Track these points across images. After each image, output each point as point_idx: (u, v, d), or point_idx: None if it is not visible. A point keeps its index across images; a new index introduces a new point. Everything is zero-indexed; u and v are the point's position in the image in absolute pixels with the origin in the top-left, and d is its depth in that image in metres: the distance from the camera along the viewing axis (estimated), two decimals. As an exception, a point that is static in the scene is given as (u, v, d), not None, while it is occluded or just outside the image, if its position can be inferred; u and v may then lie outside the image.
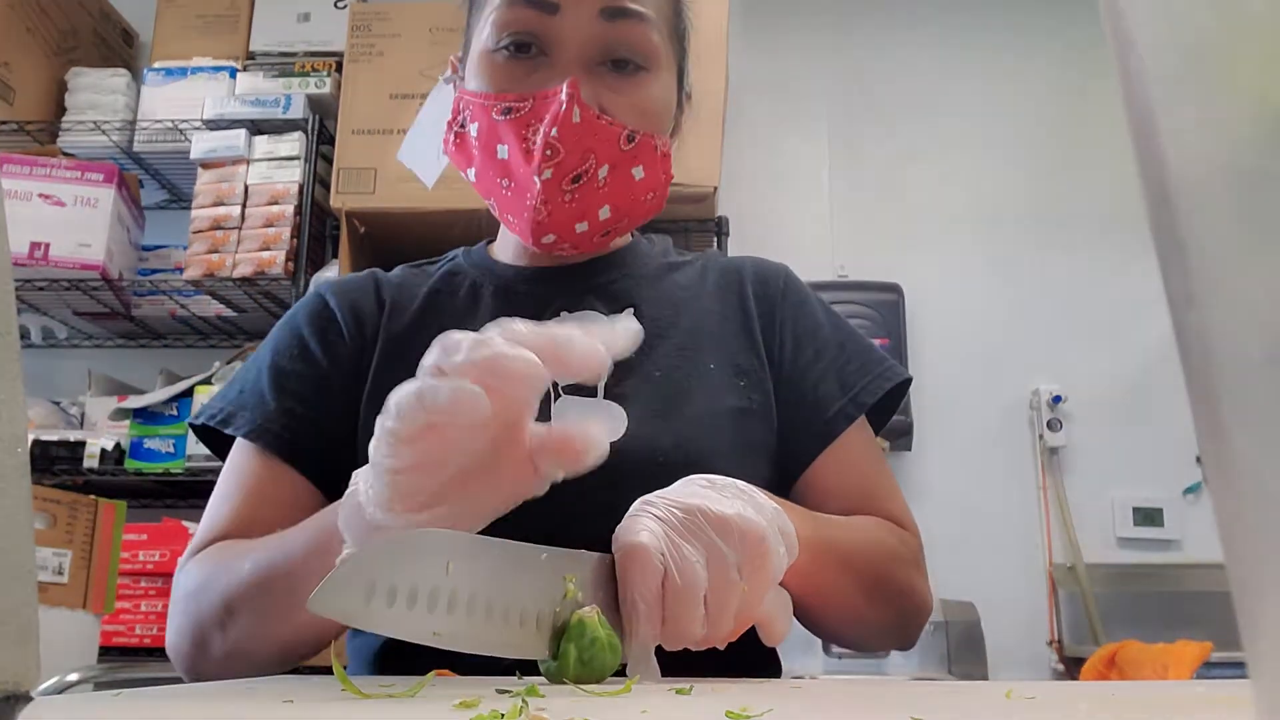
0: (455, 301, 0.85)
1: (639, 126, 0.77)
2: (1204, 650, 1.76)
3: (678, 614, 0.53)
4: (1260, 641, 0.21)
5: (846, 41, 2.82)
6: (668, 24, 0.81)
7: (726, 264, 0.89)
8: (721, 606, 0.54)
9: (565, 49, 0.76)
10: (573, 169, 0.76)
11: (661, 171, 0.81)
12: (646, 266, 0.88)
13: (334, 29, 2.45)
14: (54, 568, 1.74)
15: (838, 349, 0.84)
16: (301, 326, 0.83)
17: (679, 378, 0.79)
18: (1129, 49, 0.22)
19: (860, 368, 0.83)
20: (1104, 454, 2.51)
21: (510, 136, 0.76)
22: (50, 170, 2.22)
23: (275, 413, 0.77)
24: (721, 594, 0.54)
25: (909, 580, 0.78)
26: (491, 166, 0.79)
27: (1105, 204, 2.59)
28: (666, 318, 0.83)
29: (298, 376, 0.79)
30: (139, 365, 2.50)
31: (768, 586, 0.56)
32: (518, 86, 0.76)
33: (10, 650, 0.25)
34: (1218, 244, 0.21)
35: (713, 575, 0.54)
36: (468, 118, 0.80)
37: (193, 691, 0.51)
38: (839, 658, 2.24)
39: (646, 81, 0.78)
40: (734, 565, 0.54)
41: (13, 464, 0.26)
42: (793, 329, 0.84)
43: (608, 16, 0.76)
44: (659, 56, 0.79)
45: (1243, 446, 0.20)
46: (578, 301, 0.83)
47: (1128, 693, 0.50)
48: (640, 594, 0.53)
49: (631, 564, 0.53)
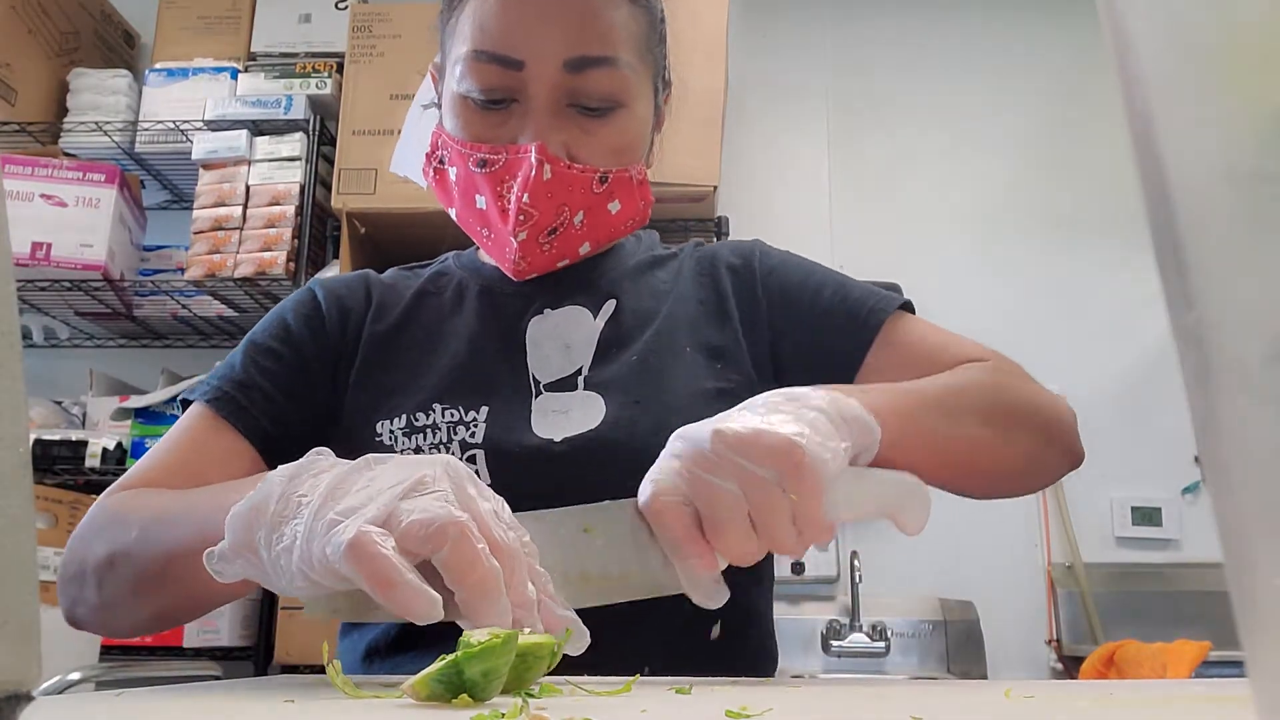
0: (441, 301, 0.86)
1: (611, 165, 0.79)
2: (1202, 649, 1.76)
3: (722, 543, 0.54)
4: (1259, 640, 0.21)
5: (846, 41, 2.81)
6: (641, 43, 0.80)
7: (703, 252, 0.90)
8: (770, 524, 0.53)
9: (533, 100, 0.76)
10: (548, 225, 0.78)
11: (640, 198, 0.83)
12: (630, 261, 0.89)
13: (335, 30, 2.45)
14: (55, 567, 1.73)
15: (835, 285, 0.83)
16: (286, 312, 0.84)
17: (655, 363, 0.79)
18: (1128, 49, 0.22)
19: (862, 296, 0.82)
20: (1103, 453, 2.49)
21: (487, 190, 0.78)
22: (52, 171, 2.22)
23: (239, 382, 0.79)
24: (765, 513, 0.53)
25: (1029, 393, 0.73)
26: (472, 214, 0.82)
27: (1105, 204, 2.59)
28: (647, 309, 0.84)
29: (271, 353, 0.81)
30: (140, 365, 2.50)
31: (818, 490, 0.53)
32: (490, 136, 0.78)
33: (11, 650, 0.25)
34: (1217, 244, 0.21)
35: (751, 496, 0.53)
36: (446, 158, 0.82)
37: (194, 691, 0.51)
38: (839, 657, 2.24)
39: (618, 119, 0.78)
40: (773, 485, 0.53)
41: (14, 463, 0.26)
42: (780, 285, 0.84)
43: (572, 68, 0.75)
44: (630, 92, 0.79)
45: (1241, 446, 0.20)
46: (559, 298, 0.84)
47: (1126, 692, 0.50)
48: (666, 537, 0.54)
49: (648, 511, 0.55)
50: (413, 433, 0.76)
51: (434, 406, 0.77)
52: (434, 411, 0.77)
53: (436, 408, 0.77)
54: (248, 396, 0.78)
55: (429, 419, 0.76)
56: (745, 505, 0.53)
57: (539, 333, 0.82)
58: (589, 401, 0.77)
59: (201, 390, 0.79)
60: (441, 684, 0.39)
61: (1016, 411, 0.71)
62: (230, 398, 0.77)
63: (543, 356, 0.81)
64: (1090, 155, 2.63)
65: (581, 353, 0.81)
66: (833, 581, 2.32)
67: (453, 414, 0.76)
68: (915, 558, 2.41)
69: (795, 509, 0.53)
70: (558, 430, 0.76)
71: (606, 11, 0.76)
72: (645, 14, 0.81)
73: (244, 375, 0.79)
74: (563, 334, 0.82)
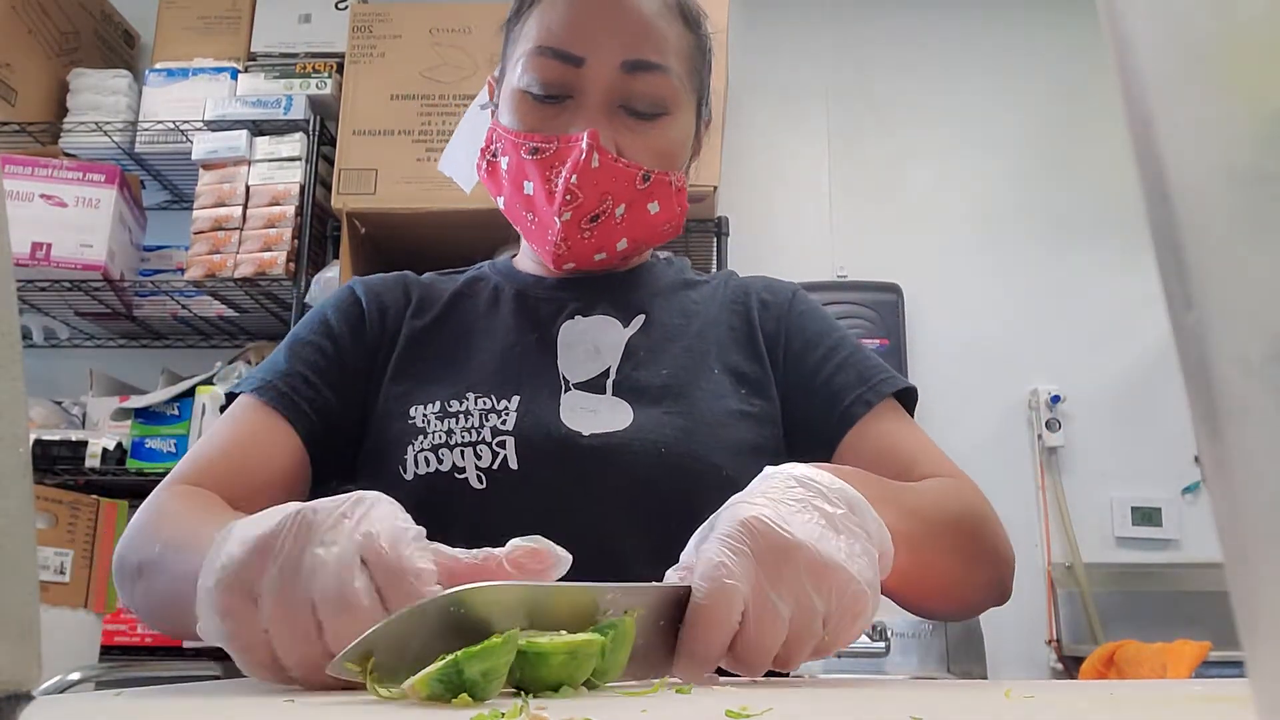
0: (478, 303, 0.90)
1: (655, 166, 0.82)
2: (1202, 649, 1.76)
3: (745, 661, 0.50)
4: (1259, 641, 0.21)
5: (846, 41, 2.82)
6: (688, 62, 0.85)
7: (739, 282, 0.94)
8: (793, 654, 0.51)
9: (589, 96, 0.81)
10: (590, 210, 0.81)
11: (677, 204, 0.86)
12: (660, 283, 0.92)
13: (335, 30, 2.45)
14: (55, 567, 1.74)
15: (853, 349, 0.86)
16: (327, 309, 0.88)
17: (685, 377, 0.82)
18: (1128, 49, 0.22)
19: (875, 366, 0.85)
20: (1103, 454, 2.51)
21: (535, 175, 0.82)
22: (52, 171, 2.22)
23: (284, 373, 0.81)
24: (797, 645, 0.51)
25: (994, 530, 0.75)
26: (518, 199, 0.85)
27: (1105, 204, 2.59)
28: (677, 325, 0.87)
29: (314, 347, 0.84)
30: (140, 365, 2.50)
31: (853, 639, 0.52)
32: (544, 128, 0.82)
33: (12, 649, 0.25)
34: (1216, 244, 0.21)
35: (794, 624, 0.50)
36: (499, 149, 0.85)
37: (194, 691, 0.51)
38: (839, 657, 2.24)
39: (664, 125, 0.83)
40: (820, 616, 0.50)
41: (14, 464, 0.26)
42: (802, 334, 0.87)
43: (628, 69, 0.81)
44: (677, 101, 0.84)
45: (1241, 446, 0.20)
46: (591, 306, 0.87)
47: (1126, 692, 0.50)
48: (702, 650, 0.49)
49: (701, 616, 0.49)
50: (445, 417, 0.79)
51: (468, 395, 0.80)
52: (467, 399, 0.80)
53: (470, 395, 0.80)
54: (292, 387, 0.80)
55: (462, 405, 0.79)
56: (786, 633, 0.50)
57: (570, 336, 0.85)
58: (617, 406, 0.80)
59: (248, 383, 0.81)
60: (441, 684, 0.39)
61: (985, 553, 0.73)
62: (275, 388, 0.80)
63: (573, 358, 0.83)
64: (1090, 155, 2.63)
65: (610, 355, 0.83)
66: (833, 581, 2.32)
67: (485, 402, 0.79)
68: (915, 558, 2.41)
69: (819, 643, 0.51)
70: (586, 426, 0.78)
71: (661, 24, 0.82)
72: (695, 38, 0.87)
73: (288, 367, 0.82)
74: (592, 338, 0.85)
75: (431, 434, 0.78)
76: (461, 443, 0.77)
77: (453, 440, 0.77)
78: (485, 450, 0.77)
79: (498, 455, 0.77)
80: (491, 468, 0.76)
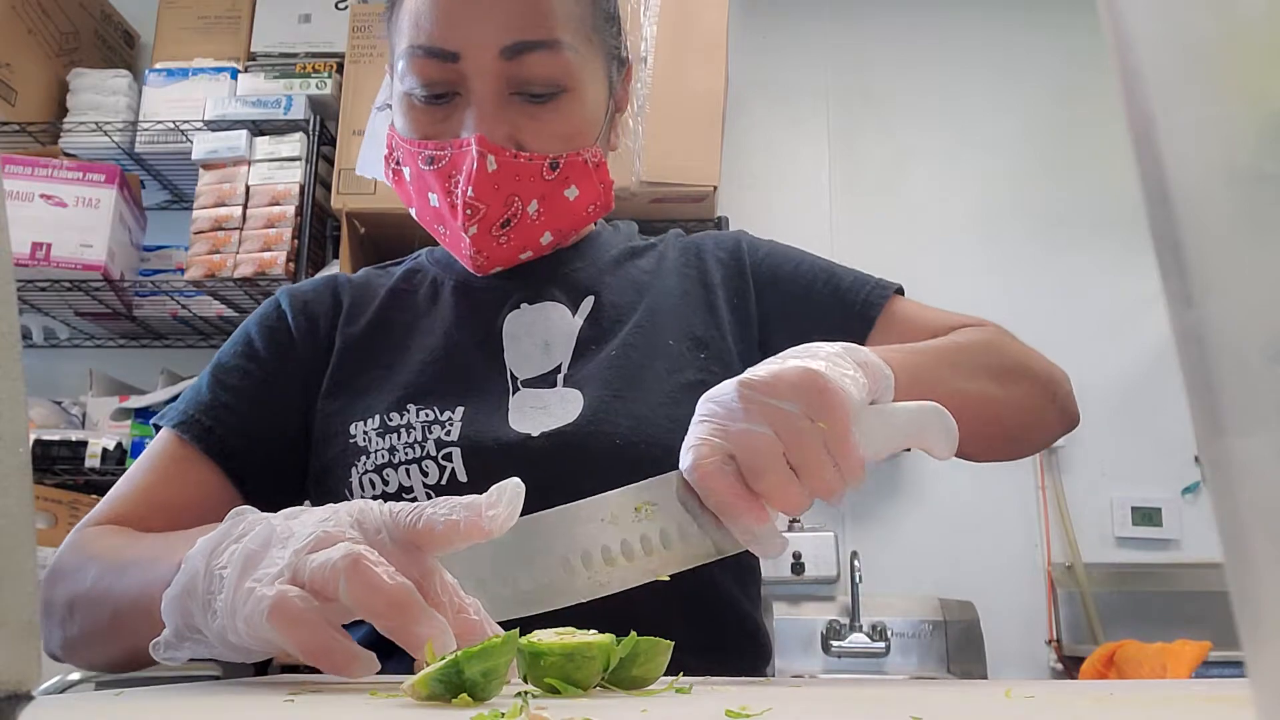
0: (415, 298, 0.86)
1: (562, 150, 0.77)
2: (1202, 649, 1.76)
3: (766, 489, 0.54)
4: (1259, 641, 0.21)
5: (846, 41, 2.82)
6: (585, 24, 0.78)
7: (686, 242, 0.90)
8: (808, 460, 0.53)
9: (474, 91, 0.75)
10: (498, 217, 0.77)
11: (598, 181, 0.81)
12: (608, 254, 0.88)
13: (335, 30, 2.45)
14: (55, 568, 1.73)
15: (827, 276, 0.85)
16: (251, 328, 0.84)
17: (636, 357, 0.78)
18: (1128, 49, 0.22)
19: (855, 280, 0.84)
20: (1103, 453, 2.51)
21: (437, 187, 0.77)
22: (52, 171, 2.22)
23: (205, 404, 0.78)
24: (801, 449, 0.53)
25: (1029, 353, 0.74)
26: (427, 211, 0.81)
27: (1105, 204, 2.59)
28: (628, 302, 0.83)
29: (237, 371, 0.80)
30: (140, 365, 2.50)
31: (845, 414, 0.54)
32: (436, 133, 0.77)
33: (12, 649, 0.25)
34: (1216, 244, 0.21)
35: (784, 434, 0.53)
36: (401, 157, 0.81)
37: (193, 690, 0.51)
38: (839, 657, 2.24)
39: (565, 103, 0.77)
40: (800, 415, 0.53)
41: (14, 464, 0.26)
42: (770, 276, 0.85)
43: (510, 54, 0.74)
44: (575, 74, 0.76)
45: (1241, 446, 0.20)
46: (537, 294, 0.83)
47: (1126, 692, 0.50)
48: (714, 501, 0.54)
49: (692, 479, 0.55)
50: (387, 432, 0.75)
51: (409, 406, 0.76)
52: (408, 411, 0.76)
53: (411, 408, 0.76)
54: (216, 419, 0.77)
55: (403, 419, 0.75)
56: (780, 446, 0.53)
57: (516, 327, 0.81)
58: (567, 397, 0.76)
59: (170, 416, 0.78)
60: (441, 683, 0.39)
61: (1019, 368, 0.72)
62: (197, 423, 0.76)
63: (521, 353, 0.79)
64: (1091, 155, 2.63)
65: (561, 350, 0.80)
66: (833, 582, 2.32)
67: (427, 413, 0.75)
68: (915, 558, 2.42)
69: (827, 439, 0.53)
70: (535, 425, 0.74)
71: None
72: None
73: (210, 398, 0.78)
74: (541, 331, 0.80)
75: (374, 453, 0.74)
76: (406, 460, 0.73)
77: (396, 459, 0.73)
78: (431, 465, 0.73)
79: (445, 469, 0.72)
80: (440, 483, 0.72)
